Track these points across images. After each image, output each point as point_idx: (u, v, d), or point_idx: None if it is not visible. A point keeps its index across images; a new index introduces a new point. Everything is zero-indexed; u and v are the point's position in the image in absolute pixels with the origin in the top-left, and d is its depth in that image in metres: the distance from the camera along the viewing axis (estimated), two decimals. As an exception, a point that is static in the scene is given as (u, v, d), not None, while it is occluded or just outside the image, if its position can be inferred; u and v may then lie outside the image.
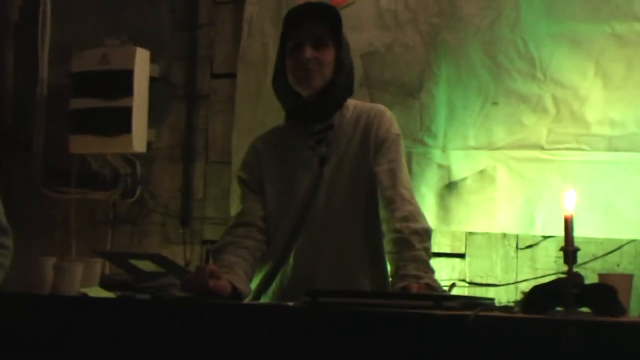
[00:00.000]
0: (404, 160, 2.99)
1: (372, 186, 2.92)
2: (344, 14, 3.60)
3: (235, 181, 3.37)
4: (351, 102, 3.06)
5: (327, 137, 2.99)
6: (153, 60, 4.57)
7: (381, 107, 3.09)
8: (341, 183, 2.94)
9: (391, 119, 3.03)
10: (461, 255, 3.90)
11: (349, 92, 3.05)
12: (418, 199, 3.04)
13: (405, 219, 2.82)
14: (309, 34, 2.96)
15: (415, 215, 2.85)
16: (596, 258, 3.65)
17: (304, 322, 2.27)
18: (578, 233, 2.19)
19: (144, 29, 4.64)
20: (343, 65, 2.98)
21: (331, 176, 2.94)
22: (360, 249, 2.93)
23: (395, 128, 3.01)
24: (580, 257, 2.21)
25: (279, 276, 2.95)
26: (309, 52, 2.93)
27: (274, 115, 3.41)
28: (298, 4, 3.10)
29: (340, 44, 2.99)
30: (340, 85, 2.98)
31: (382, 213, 2.88)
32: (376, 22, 4.11)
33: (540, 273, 3.66)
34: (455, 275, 3.87)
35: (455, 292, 2.82)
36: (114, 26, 4.65)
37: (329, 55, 2.96)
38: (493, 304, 2.42)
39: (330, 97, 2.98)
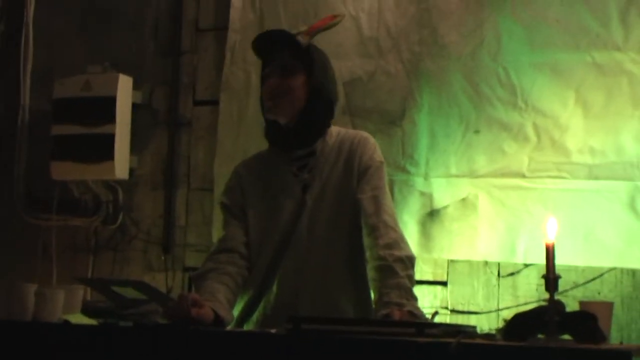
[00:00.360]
0: (387, 187, 3.01)
1: (355, 213, 2.93)
2: (326, 41, 3.63)
3: (218, 207, 3.38)
4: (334, 129, 3.08)
5: (309, 163, 3.01)
6: (135, 86, 4.56)
7: (364, 134, 3.11)
8: (324, 210, 2.96)
9: (374, 146, 3.05)
10: (443, 283, 3.90)
11: (328, 115, 3.06)
12: (400, 226, 3.05)
13: (388, 246, 2.83)
14: (276, 62, 3.02)
15: (399, 242, 2.86)
16: (577, 286, 3.66)
17: (286, 349, 2.28)
18: (559, 261, 2.20)
19: (127, 56, 4.64)
20: (317, 88, 3.00)
21: (314, 203, 2.96)
22: (344, 276, 2.95)
23: (379, 155, 3.03)
24: (562, 284, 2.23)
25: (262, 303, 2.95)
26: (272, 81, 2.98)
27: (256, 142, 3.42)
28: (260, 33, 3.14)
29: (311, 68, 3.01)
30: (318, 108, 3.00)
31: (366, 240, 2.89)
32: (358, 50, 4.13)
33: (521, 301, 3.69)
34: (438, 303, 3.87)
35: (437, 319, 2.83)
36: (97, 52, 4.64)
37: (296, 81, 2.99)
38: (475, 331, 2.43)
39: (309, 122, 3.00)
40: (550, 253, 2.17)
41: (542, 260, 2.18)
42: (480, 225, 3.81)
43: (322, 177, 2.99)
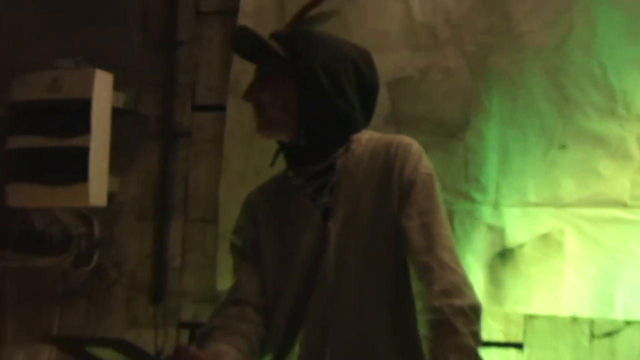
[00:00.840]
0: (441, 208, 2.92)
1: (398, 243, 2.86)
2: (367, 29, 3.60)
3: (224, 245, 3.36)
4: (365, 134, 3.05)
5: (329, 181, 2.97)
6: (117, 86, 4.57)
7: (405, 138, 3.01)
8: (354, 241, 2.90)
9: (419, 153, 2.96)
10: (518, 345, 3.89)
11: (330, 106, 2.98)
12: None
13: (446, 293, 2.74)
14: (257, 68, 3.09)
15: (460, 286, 2.77)
16: (695, 350, 3.64)
17: None
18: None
19: (106, 47, 4.66)
20: (305, 78, 2.96)
21: (340, 233, 2.91)
22: (385, 328, 2.88)
23: (425, 166, 2.93)
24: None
25: (283, 370, 2.94)
26: (249, 96, 3.02)
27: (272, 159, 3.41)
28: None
29: (296, 64, 2.99)
30: (313, 102, 2.95)
31: (416, 285, 2.81)
32: (408, 40, 4.12)
33: (622, 369, 3.67)
34: (512, 371, 3.86)
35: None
36: (69, 44, 4.69)
37: (274, 85, 2.99)
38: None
39: (310, 124, 2.97)
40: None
41: (650, 317, 2.17)
42: (567, 269, 3.79)
43: (348, 198, 2.94)
